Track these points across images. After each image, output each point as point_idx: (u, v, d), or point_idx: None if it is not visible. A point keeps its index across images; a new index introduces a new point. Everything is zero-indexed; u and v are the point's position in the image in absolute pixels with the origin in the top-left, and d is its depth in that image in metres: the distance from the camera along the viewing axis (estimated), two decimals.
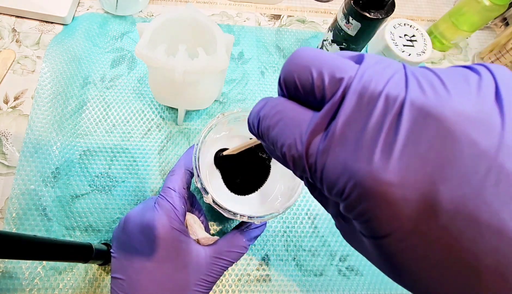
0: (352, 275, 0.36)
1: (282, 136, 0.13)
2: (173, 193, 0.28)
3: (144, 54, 0.28)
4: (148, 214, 0.27)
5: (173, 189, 0.29)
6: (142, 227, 0.27)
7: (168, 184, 0.29)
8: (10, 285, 0.31)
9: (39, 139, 0.37)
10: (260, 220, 0.27)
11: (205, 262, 0.27)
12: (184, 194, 0.29)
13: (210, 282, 0.27)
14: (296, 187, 0.28)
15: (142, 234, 0.27)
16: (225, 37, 0.31)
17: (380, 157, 0.10)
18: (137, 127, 0.39)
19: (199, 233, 0.29)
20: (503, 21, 0.56)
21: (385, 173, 0.10)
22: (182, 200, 0.29)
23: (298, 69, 0.12)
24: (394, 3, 0.34)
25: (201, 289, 0.27)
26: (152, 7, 0.48)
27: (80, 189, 0.35)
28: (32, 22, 0.44)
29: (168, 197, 0.28)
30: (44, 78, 0.40)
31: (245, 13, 0.50)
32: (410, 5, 0.56)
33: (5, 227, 0.33)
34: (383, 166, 0.10)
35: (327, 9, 0.53)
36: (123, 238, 0.28)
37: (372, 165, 0.10)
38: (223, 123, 0.30)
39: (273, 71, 0.46)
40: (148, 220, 0.27)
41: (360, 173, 0.10)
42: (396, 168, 0.10)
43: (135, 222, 0.27)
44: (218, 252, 0.28)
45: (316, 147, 0.11)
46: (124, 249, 0.27)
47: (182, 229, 0.27)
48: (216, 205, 0.26)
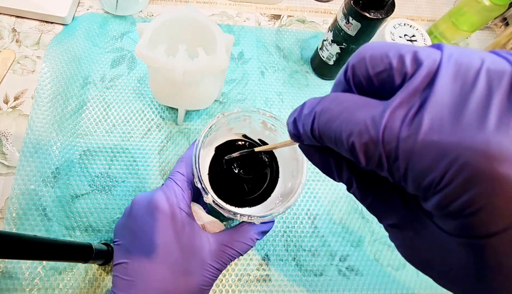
0: (352, 275, 0.36)
1: (349, 124, 0.11)
2: (182, 177, 0.29)
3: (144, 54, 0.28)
4: (155, 194, 0.28)
5: (182, 173, 0.29)
6: (148, 207, 0.27)
7: (178, 168, 0.30)
8: (10, 285, 0.31)
9: (39, 139, 0.37)
10: (260, 220, 0.27)
11: (213, 248, 0.27)
12: (192, 179, 0.29)
13: (217, 269, 0.27)
14: (296, 187, 0.28)
15: (148, 215, 0.27)
16: (225, 37, 0.31)
17: (496, 126, 0.08)
18: (137, 127, 0.39)
19: (205, 217, 0.29)
20: (503, 21, 0.56)
21: (505, 148, 0.07)
22: (189, 185, 0.29)
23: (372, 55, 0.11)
24: (394, 3, 0.34)
25: (208, 274, 0.27)
26: (152, 7, 0.48)
27: (80, 189, 0.35)
28: (32, 22, 0.44)
29: (177, 180, 0.28)
30: (44, 78, 0.40)
31: (245, 13, 0.50)
32: (410, 5, 0.56)
33: (5, 227, 0.33)
34: (501, 138, 0.07)
35: (327, 9, 0.53)
36: (129, 223, 0.28)
37: (486, 138, 0.08)
38: (223, 123, 0.31)
39: (273, 71, 0.46)
40: (155, 200, 0.27)
41: (470, 150, 0.08)
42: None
43: (142, 204, 0.28)
44: (227, 240, 0.28)
45: (396, 130, 0.09)
46: (129, 233, 0.27)
47: (188, 212, 0.27)
48: (216, 205, 0.26)
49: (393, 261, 0.37)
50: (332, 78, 0.46)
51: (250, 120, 0.31)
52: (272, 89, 0.45)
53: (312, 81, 0.46)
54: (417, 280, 0.36)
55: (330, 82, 0.47)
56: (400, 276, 0.36)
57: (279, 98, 0.44)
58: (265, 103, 0.43)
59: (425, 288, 0.36)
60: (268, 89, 0.44)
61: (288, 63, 0.47)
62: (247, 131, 0.33)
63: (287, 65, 0.47)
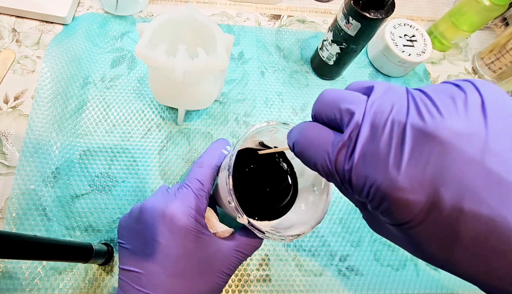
0: (352, 275, 0.36)
1: (314, 158, 0.16)
2: (200, 186, 0.27)
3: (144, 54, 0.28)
4: (171, 204, 0.26)
5: (201, 182, 0.28)
6: (163, 217, 0.25)
7: (197, 175, 0.28)
8: (10, 285, 0.31)
9: (39, 139, 0.37)
10: (290, 239, 0.26)
11: (224, 255, 0.27)
12: (210, 190, 0.28)
13: (228, 274, 0.27)
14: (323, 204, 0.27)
15: (163, 225, 0.25)
16: (225, 37, 0.31)
17: (391, 170, 0.13)
18: (137, 127, 0.39)
19: (218, 226, 0.28)
20: (503, 21, 0.56)
21: (397, 182, 0.13)
22: (207, 196, 0.28)
23: (323, 108, 0.17)
24: (394, 3, 0.34)
25: (220, 281, 0.27)
26: (152, 7, 0.48)
27: (80, 189, 0.35)
28: (32, 22, 0.44)
29: (195, 189, 0.27)
30: (44, 78, 0.40)
31: (245, 13, 0.50)
32: (410, 5, 0.56)
33: (5, 227, 0.33)
34: (395, 176, 0.13)
35: (327, 9, 0.53)
36: (138, 228, 0.26)
37: (387, 176, 0.13)
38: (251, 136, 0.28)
39: (273, 71, 0.46)
40: (171, 211, 0.25)
41: (379, 182, 0.13)
42: (405, 177, 0.13)
43: (155, 212, 0.26)
44: (237, 244, 0.28)
45: (342, 166, 0.15)
46: (140, 241, 0.26)
47: (204, 222, 0.27)
48: (251, 226, 0.25)
49: (393, 261, 0.37)
50: (332, 78, 0.46)
51: (277, 131, 0.29)
52: (272, 89, 0.45)
53: (312, 81, 0.46)
54: (417, 280, 0.36)
55: (330, 82, 0.47)
56: (400, 276, 0.36)
57: (279, 98, 0.44)
58: (265, 103, 0.43)
59: (425, 288, 0.36)
60: (268, 89, 0.44)
61: (288, 63, 0.47)
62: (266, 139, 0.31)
63: (287, 65, 0.47)
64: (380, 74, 0.48)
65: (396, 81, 0.48)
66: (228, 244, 0.27)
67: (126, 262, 0.26)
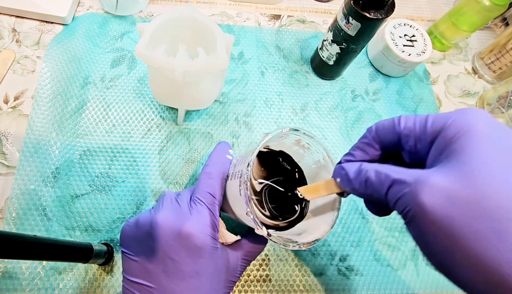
0: (352, 275, 0.36)
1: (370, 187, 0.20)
2: (212, 200, 0.27)
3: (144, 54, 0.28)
4: (187, 222, 0.25)
5: (213, 195, 0.27)
6: (179, 236, 0.25)
7: (208, 188, 0.27)
8: (10, 285, 0.31)
9: (39, 139, 0.37)
10: (307, 246, 0.25)
11: (232, 264, 0.27)
12: (221, 201, 0.28)
13: (234, 282, 0.28)
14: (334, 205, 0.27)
15: (179, 243, 0.25)
16: (225, 37, 0.31)
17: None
18: (137, 127, 0.39)
19: (227, 236, 0.28)
20: (503, 21, 0.56)
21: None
22: (219, 208, 0.27)
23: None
24: (394, 3, 0.34)
25: (227, 289, 0.27)
26: (152, 7, 0.48)
27: (80, 189, 0.35)
28: (32, 22, 0.44)
29: (209, 204, 0.26)
30: (44, 78, 0.40)
31: (245, 13, 0.50)
32: (410, 5, 0.56)
33: (5, 227, 0.33)
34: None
35: (327, 9, 0.53)
36: (149, 243, 0.26)
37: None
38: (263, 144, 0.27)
39: (273, 71, 0.46)
40: (188, 230, 0.25)
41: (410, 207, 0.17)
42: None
43: (169, 230, 0.25)
44: (244, 253, 0.28)
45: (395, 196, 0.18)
46: (152, 255, 0.25)
47: (217, 237, 0.27)
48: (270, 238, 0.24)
49: (393, 261, 0.37)
50: (332, 78, 0.46)
51: (286, 137, 0.28)
52: (272, 89, 0.45)
53: (312, 81, 0.46)
54: (417, 280, 0.36)
55: (330, 82, 0.47)
56: (400, 276, 0.36)
57: (279, 98, 0.44)
58: (265, 103, 0.43)
59: (425, 288, 0.36)
60: (268, 89, 0.44)
61: (288, 63, 0.47)
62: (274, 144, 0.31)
63: (287, 65, 0.47)
64: (380, 74, 0.48)
65: (396, 81, 0.48)
66: (236, 254, 0.28)
67: (134, 274, 0.26)
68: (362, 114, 0.45)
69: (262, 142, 0.25)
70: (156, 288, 0.25)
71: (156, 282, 0.25)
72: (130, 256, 0.26)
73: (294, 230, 0.29)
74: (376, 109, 0.46)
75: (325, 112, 0.44)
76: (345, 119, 0.44)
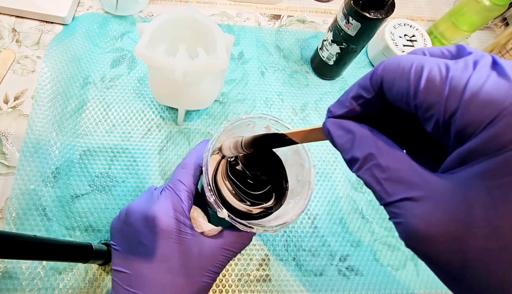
0: (352, 275, 0.36)
1: (420, 61, 0.13)
2: (182, 187, 0.28)
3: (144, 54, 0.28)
4: (153, 206, 0.27)
5: (183, 183, 0.28)
6: (146, 219, 0.26)
7: (179, 176, 0.29)
8: (10, 285, 0.31)
9: (39, 139, 0.37)
10: (276, 229, 0.26)
11: (212, 253, 0.27)
12: (193, 190, 0.29)
13: (216, 272, 0.28)
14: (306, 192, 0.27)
15: (146, 227, 0.26)
16: (225, 37, 0.31)
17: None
18: (137, 127, 0.39)
19: (204, 226, 0.28)
20: (503, 21, 0.56)
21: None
22: (190, 195, 0.28)
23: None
24: (394, 3, 0.34)
25: (207, 279, 0.27)
26: (152, 7, 0.48)
27: (80, 189, 0.35)
28: (32, 22, 0.44)
29: (177, 190, 0.28)
30: (44, 78, 0.40)
31: (245, 13, 0.50)
32: (410, 5, 0.56)
33: (5, 227, 0.33)
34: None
35: (327, 9, 0.53)
36: (125, 230, 0.27)
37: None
38: (228, 130, 0.29)
39: (273, 71, 0.46)
40: (153, 213, 0.26)
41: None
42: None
43: (139, 215, 0.27)
44: (226, 243, 0.28)
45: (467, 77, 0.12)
46: (128, 242, 0.27)
47: (188, 223, 0.27)
48: (232, 220, 0.25)
49: (393, 261, 0.37)
50: (332, 78, 0.46)
51: (254, 125, 0.30)
52: (272, 89, 0.45)
53: (312, 81, 0.46)
54: (417, 280, 0.36)
55: (330, 82, 0.47)
56: (400, 276, 0.36)
57: (279, 98, 0.44)
58: (265, 103, 0.43)
59: (425, 288, 0.36)
60: (268, 89, 0.44)
61: (288, 63, 0.47)
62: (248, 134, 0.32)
63: (287, 65, 0.47)
64: None
65: None
66: (215, 242, 0.28)
67: (117, 263, 0.27)
68: None
69: (223, 128, 0.27)
70: (132, 274, 0.26)
71: (131, 268, 0.26)
72: (114, 246, 0.28)
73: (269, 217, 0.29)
74: None
75: (325, 112, 0.44)
76: None
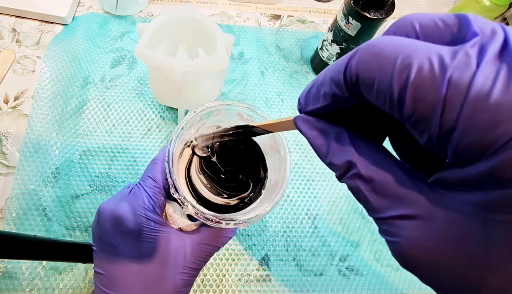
0: (352, 275, 0.36)
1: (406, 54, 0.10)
2: (152, 183, 0.27)
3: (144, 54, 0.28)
4: (120, 205, 0.26)
5: (153, 179, 0.27)
6: (114, 220, 0.25)
7: (149, 172, 0.27)
8: (10, 285, 0.31)
9: (39, 139, 0.37)
10: (247, 224, 0.25)
11: (189, 250, 0.26)
12: (165, 184, 0.27)
13: (195, 269, 0.27)
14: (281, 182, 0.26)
15: (115, 228, 0.25)
16: (225, 37, 0.31)
17: None
18: (137, 127, 0.39)
19: (180, 222, 0.27)
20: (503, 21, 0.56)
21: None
22: (161, 191, 0.27)
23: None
24: (394, 3, 0.34)
25: (185, 276, 0.26)
26: (152, 7, 0.48)
27: (80, 189, 0.35)
28: (32, 22, 0.44)
29: (146, 187, 0.26)
30: (44, 78, 0.40)
31: (245, 13, 0.50)
32: (410, 5, 0.56)
33: (5, 227, 0.33)
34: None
35: (327, 9, 0.53)
36: (98, 231, 0.26)
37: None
38: (194, 120, 0.28)
39: (273, 71, 0.46)
40: (120, 213, 0.25)
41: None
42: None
43: (108, 215, 0.26)
44: (204, 238, 0.27)
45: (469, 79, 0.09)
46: (101, 244, 0.26)
47: (159, 220, 0.26)
48: (200, 216, 0.24)
49: (393, 261, 0.37)
50: None
51: (225, 113, 0.28)
52: (272, 89, 0.45)
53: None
54: (417, 280, 0.36)
55: None
56: (400, 276, 0.36)
57: (279, 98, 0.44)
58: (265, 103, 0.43)
59: (425, 288, 0.36)
60: (268, 89, 0.44)
61: (288, 63, 0.47)
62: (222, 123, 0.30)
63: (287, 65, 0.47)
64: None
65: None
66: (193, 238, 0.27)
67: (95, 264, 0.26)
68: None
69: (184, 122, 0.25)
70: (106, 275, 0.25)
71: (105, 269, 0.25)
72: (93, 247, 0.27)
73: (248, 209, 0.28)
74: None
75: None
76: None
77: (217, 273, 0.34)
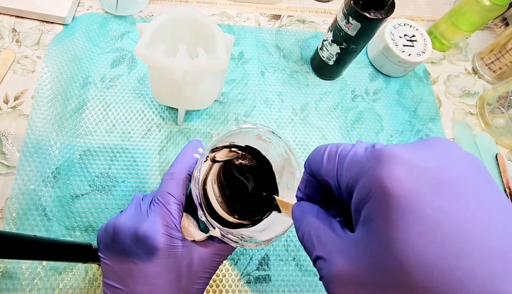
0: None
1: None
2: (172, 200, 0.27)
3: (144, 54, 0.28)
4: (143, 225, 0.26)
5: (173, 195, 0.27)
6: (137, 239, 0.25)
7: (168, 188, 0.27)
8: (10, 285, 0.31)
9: (39, 139, 0.37)
10: (267, 244, 0.26)
11: (204, 260, 0.27)
12: (183, 201, 0.28)
13: (208, 277, 0.28)
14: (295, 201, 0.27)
15: (138, 247, 0.25)
16: (225, 37, 0.31)
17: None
18: (137, 127, 0.39)
19: (196, 235, 0.28)
20: (503, 21, 0.56)
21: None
22: (180, 207, 0.27)
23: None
24: (394, 3, 0.34)
25: (201, 285, 0.27)
26: (152, 7, 0.48)
27: (80, 189, 0.35)
28: (32, 22, 0.44)
29: (167, 204, 0.26)
30: (44, 78, 0.40)
31: (245, 13, 0.50)
32: (410, 5, 0.56)
33: (5, 227, 0.33)
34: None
35: (327, 9, 0.53)
36: (115, 248, 0.26)
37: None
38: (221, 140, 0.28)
39: (273, 71, 0.46)
40: (144, 232, 0.25)
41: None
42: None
43: (128, 233, 0.26)
44: (217, 249, 0.28)
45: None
46: (118, 259, 0.26)
47: (179, 236, 0.26)
48: (225, 238, 0.25)
49: None
50: (332, 78, 0.46)
51: (244, 133, 0.29)
52: (272, 89, 0.45)
53: (312, 81, 0.46)
54: None
55: (330, 82, 0.47)
56: None
57: (279, 98, 0.44)
58: (265, 103, 0.43)
59: None
60: (268, 89, 0.44)
61: (288, 63, 0.47)
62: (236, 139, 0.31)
63: (287, 65, 0.47)
64: (380, 74, 0.48)
65: (396, 81, 0.48)
66: (206, 250, 0.27)
67: (108, 277, 0.27)
68: (362, 114, 0.45)
69: (211, 143, 0.26)
70: (126, 291, 0.26)
71: (125, 285, 0.26)
72: (104, 260, 0.27)
73: (258, 227, 0.29)
74: (376, 109, 0.46)
75: (325, 112, 0.44)
76: (345, 119, 0.44)
77: (217, 273, 0.34)
